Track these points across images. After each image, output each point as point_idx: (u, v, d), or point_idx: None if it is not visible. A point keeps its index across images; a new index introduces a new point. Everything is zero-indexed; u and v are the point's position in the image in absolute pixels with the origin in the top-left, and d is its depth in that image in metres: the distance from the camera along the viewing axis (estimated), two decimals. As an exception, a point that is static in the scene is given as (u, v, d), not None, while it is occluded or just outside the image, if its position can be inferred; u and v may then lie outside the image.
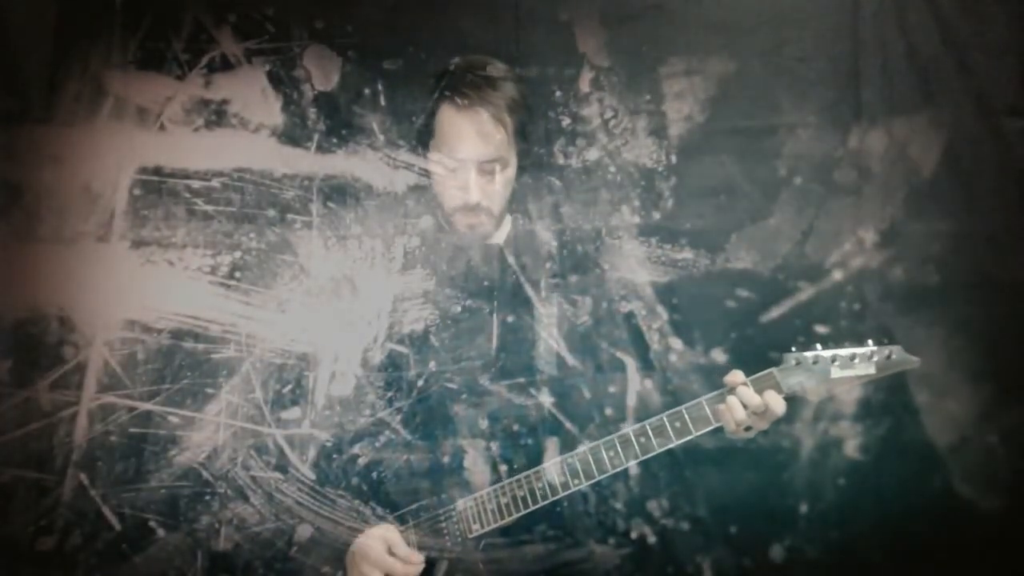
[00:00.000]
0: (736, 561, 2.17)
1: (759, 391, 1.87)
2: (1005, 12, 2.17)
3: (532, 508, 1.92)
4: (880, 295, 2.15)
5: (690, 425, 1.89)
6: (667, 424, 1.89)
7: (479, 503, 1.94)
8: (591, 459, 1.91)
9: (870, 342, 1.91)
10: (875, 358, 1.88)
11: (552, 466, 1.92)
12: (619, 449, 1.90)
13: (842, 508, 2.17)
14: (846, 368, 1.88)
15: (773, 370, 1.90)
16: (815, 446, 2.14)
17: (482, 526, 1.93)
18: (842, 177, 2.19)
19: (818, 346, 1.91)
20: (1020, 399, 2.14)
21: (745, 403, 1.86)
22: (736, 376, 1.89)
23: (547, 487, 1.91)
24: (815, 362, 1.89)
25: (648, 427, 1.90)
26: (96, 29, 2.01)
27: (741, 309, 2.18)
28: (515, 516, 1.92)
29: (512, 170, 2.02)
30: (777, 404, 1.86)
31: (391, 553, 1.91)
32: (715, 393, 1.91)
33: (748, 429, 1.90)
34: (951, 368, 2.13)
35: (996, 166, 2.17)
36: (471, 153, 1.96)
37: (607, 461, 1.90)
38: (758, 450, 2.10)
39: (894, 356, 1.89)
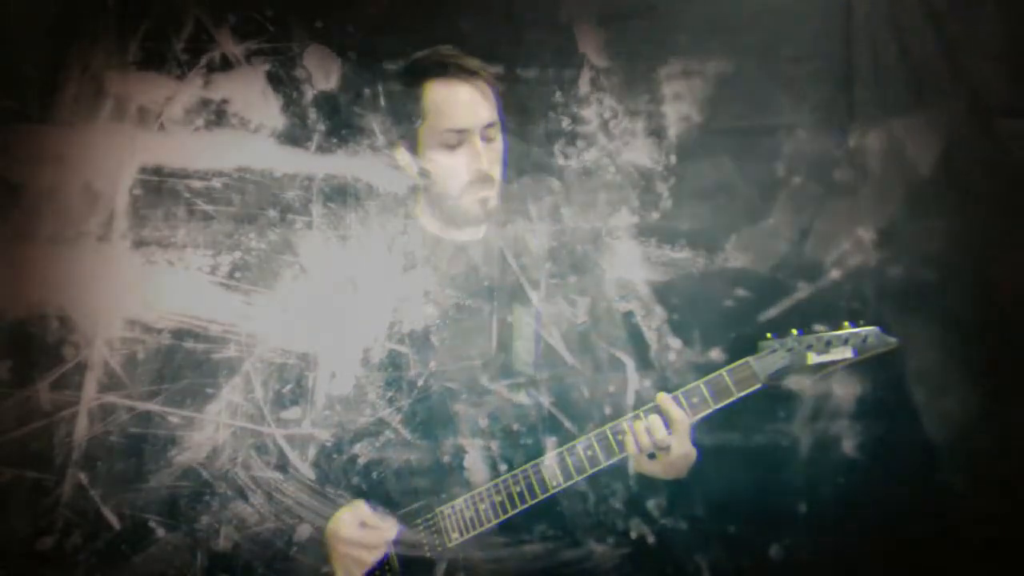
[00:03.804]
0: (735, 561, 2.17)
1: (735, 382, 1.89)
2: (998, 12, 2.18)
3: (521, 508, 1.93)
4: (878, 294, 2.16)
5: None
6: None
7: (474, 501, 1.94)
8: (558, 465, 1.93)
9: (846, 324, 1.90)
10: (851, 341, 1.86)
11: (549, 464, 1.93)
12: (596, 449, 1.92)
13: (841, 507, 2.17)
14: (822, 353, 1.87)
15: (749, 359, 1.90)
16: (813, 445, 2.14)
17: (464, 532, 1.93)
18: (840, 177, 2.20)
19: (793, 332, 1.91)
20: (1019, 399, 2.15)
21: (652, 432, 1.89)
22: (662, 397, 1.92)
23: (525, 490, 1.92)
24: (789, 348, 1.88)
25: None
26: (96, 29, 2.01)
27: (740, 308, 2.19)
28: (504, 518, 1.93)
29: (502, 141, 2.02)
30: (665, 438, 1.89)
31: (363, 526, 1.92)
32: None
33: (652, 457, 1.92)
34: (949, 367, 2.13)
35: (993, 165, 2.18)
36: (473, 120, 1.94)
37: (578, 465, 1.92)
38: (757, 450, 2.11)
39: (871, 339, 1.87)
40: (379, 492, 1.98)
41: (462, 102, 1.94)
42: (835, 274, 2.17)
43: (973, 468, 2.15)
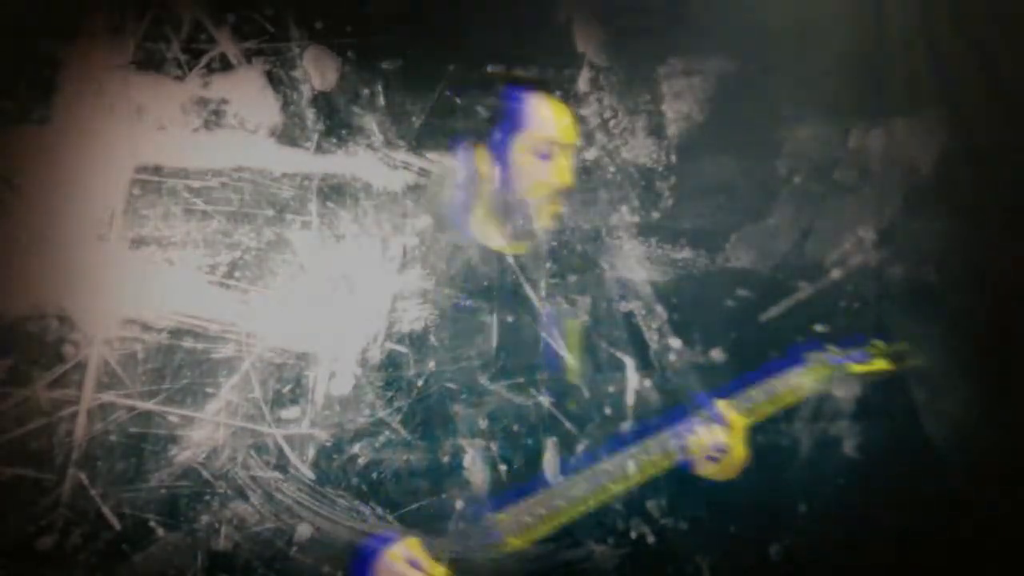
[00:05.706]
0: (735, 561, 2.17)
1: (787, 390, 1.94)
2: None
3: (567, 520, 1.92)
4: (879, 294, 2.16)
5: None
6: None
7: (514, 516, 1.92)
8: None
9: (875, 343, 1.96)
10: (888, 353, 1.98)
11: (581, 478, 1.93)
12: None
13: (840, 508, 2.17)
14: (861, 363, 1.98)
15: (798, 368, 1.96)
16: (813, 445, 2.14)
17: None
18: (841, 176, 2.20)
19: (831, 347, 1.95)
20: (1019, 399, 2.14)
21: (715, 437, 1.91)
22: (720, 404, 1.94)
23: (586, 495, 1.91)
24: (835, 360, 1.98)
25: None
26: (96, 29, 2.01)
27: (740, 308, 2.19)
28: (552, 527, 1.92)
29: None
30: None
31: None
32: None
33: (713, 460, 1.93)
34: (949, 367, 2.13)
35: (996, 165, 2.17)
36: (570, 137, 2.02)
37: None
38: (758, 450, 2.11)
39: (903, 352, 1.99)
40: (379, 492, 1.98)
41: (564, 121, 2.02)
42: (836, 274, 2.17)
43: (973, 468, 2.15)
